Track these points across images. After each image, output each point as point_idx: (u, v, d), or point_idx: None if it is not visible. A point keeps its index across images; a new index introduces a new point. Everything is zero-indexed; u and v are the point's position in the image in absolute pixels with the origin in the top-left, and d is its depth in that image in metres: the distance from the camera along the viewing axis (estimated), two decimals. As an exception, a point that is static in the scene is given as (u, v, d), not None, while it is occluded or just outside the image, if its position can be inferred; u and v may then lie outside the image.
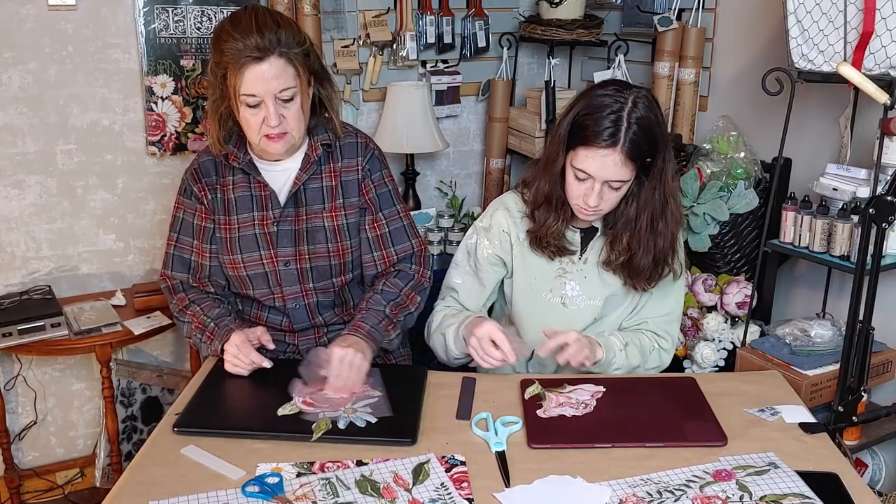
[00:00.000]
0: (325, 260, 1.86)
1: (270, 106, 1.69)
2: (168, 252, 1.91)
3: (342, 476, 1.37)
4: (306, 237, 1.84)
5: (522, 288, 1.87)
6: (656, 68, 2.76)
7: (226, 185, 1.86)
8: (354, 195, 1.87)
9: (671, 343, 1.90)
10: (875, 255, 1.55)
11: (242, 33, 1.65)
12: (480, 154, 3.42)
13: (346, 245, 1.87)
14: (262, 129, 1.72)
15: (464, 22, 3.18)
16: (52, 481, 2.89)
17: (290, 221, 1.84)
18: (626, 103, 1.64)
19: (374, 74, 3.06)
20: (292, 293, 1.88)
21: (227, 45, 1.67)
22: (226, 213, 1.86)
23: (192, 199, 1.88)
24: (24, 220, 2.69)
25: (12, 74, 2.57)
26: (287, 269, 1.85)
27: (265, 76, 1.66)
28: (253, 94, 1.68)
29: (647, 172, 1.71)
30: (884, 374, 2.20)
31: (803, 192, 2.25)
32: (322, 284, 1.88)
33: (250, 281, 1.87)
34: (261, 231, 1.84)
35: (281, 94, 1.69)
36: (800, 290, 2.56)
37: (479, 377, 1.73)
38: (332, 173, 1.86)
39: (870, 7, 1.91)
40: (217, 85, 1.73)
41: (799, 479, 1.35)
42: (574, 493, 1.33)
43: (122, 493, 1.33)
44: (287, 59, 1.68)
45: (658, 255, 1.77)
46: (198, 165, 1.89)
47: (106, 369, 2.50)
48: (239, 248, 1.85)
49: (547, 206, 1.78)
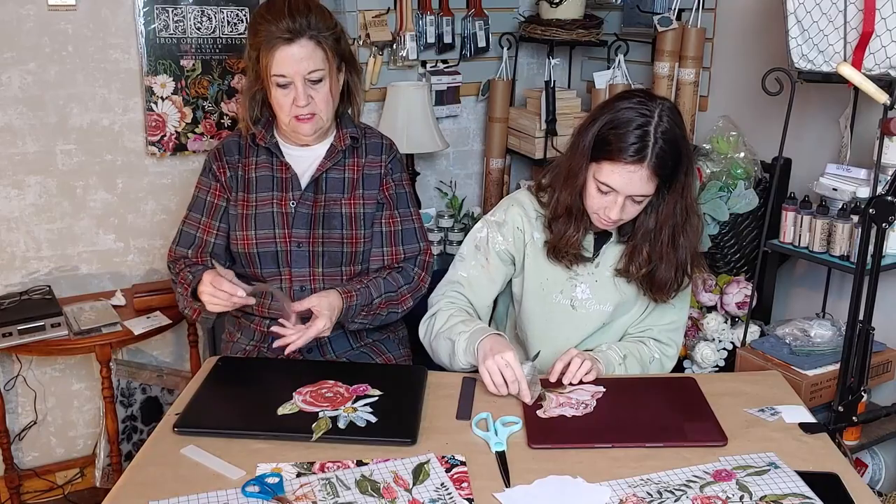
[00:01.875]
0: (338, 246, 1.89)
1: (300, 86, 1.77)
2: (179, 228, 1.97)
3: (342, 476, 1.37)
4: (322, 221, 1.88)
5: (533, 288, 1.85)
6: (656, 68, 2.76)
7: (248, 164, 1.92)
8: (375, 188, 1.93)
9: (676, 350, 1.89)
10: (875, 255, 1.55)
11: (275, 16, 1.75)
12: (480, 154, 3.42)
13: (360, 234, 1.90)
14: (292, 109, 1.80)
15: (464, 22, 3.18)
16: (52, 481, 2.89)
17: (308, 205, 1.89)
18: (653, 117, 1.62)
19: (374, 74, 3.06)
20: (300, 276, 1.90)
21: (260, 28, 1.77)
22: (245, 191, 1.90)
23: (210, 177, 1.94)
24: (24, 220, 2.69)
25: (12, 74, 2.57)
26: (299, 250, 1.88)
27: (295, 57, 1.75)
28: (283, 75, 1.77)
29: (670, 186, 1.69)
30: (884, 374, 2.20)
31: (803, 192, 2.25)
32: (330, 271, 1.91)
33: (259, 259, 1.89)
34: (278, 210, 1.88)
35: (310, 75, 1.78)
36: (800, 290, 2.56)
37: (479, 377, 1.73)
38: (354, 167, 1.93)
39: (870, 7, 1.91)
40: (252, 67, 1.83)
41: (799, 480, 1.35)
42: (574, 494, 1.33)
43: (122, 493, 1.33)
44: (317, 42, 1.77)
45: (679, 269, 1.76)
46: (222, 145, 1.96)
47: (106, 369, 2.50)
48: (254, 224, 1.88)
49: (567, 217, 1.76)
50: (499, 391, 1.61)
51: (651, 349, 1.85)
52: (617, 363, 1.78)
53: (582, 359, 1.68)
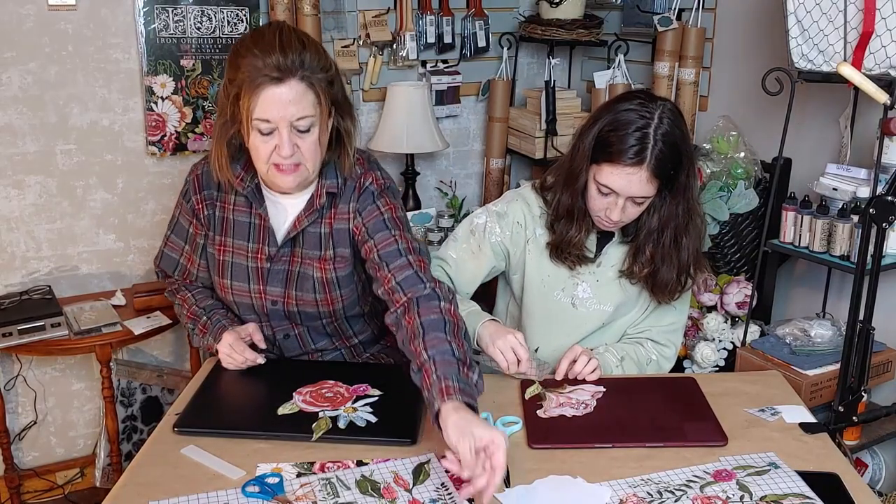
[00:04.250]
0: (313, 307, 1.76)
1: (284, 133, 1.54)
2: (161, 247, 1.88)
3: (342, 476, 1.37)
4: (297, 281, 1.74)
5: (534, 285, 1.85)
6: (656, 68, 2.76)
7: (226, 202, 1.75)
8: (346, 245, 1.73)
9: (674, 351, 1.89)
10: (875, 255, 1.55)
11: (263, 50, 1.51)
12: (480, 154, 3.42)
13: (335, 295, 1.75)
14: (272, 157, 1.57)
15: (464, 22, 3.18)
16: (52, 481, 2.89)
17: (284, 262, 1.73)
18: (653, 119, 1.61)
19: (374, 74, 3.06)
20: (281, 326, 1.81)
21: (244, 62, 1.52)
22: (222, 234, 1.76)
23: (189, 208, 1.79)
24: (24, 220, 2.69)
25: (12, 74, 2.57)
26: (275, 307, 1.77)
27: (282, 100, 1.51)
28: (267, 120, 1.53)
29: (671, 187, 1.69)
30: (884, 374, 2.21)
31: (803, 191, 2.25)
32: (311, 324, 1.81)
33: (238, 307, 1.80)
34: (253, 264, 1.74)
35: (298, 122, 1.54)
36: (800, 290, 2.56)
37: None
38: (331, 219, 1.73)
39: (870, 7, 1.91)
40: (229, 105, 1.58)
41: (799, 479, 1.35)
42: (574, 494, 1.33)
43: (122, 493, 1.33)
44: (308, 84, 1.53)
45: (682, 270, 1.76)
46: (201, 172, 1.77)
47: (106, 369, 2.50)
48: (230, 274, 1.76)
49: (568, 219, 1.76)
50: (509, 369, 1.66)
51: (648, 350, 1.85)
52: (615, 365, 1.78)
53: (588, 356, 1.69)
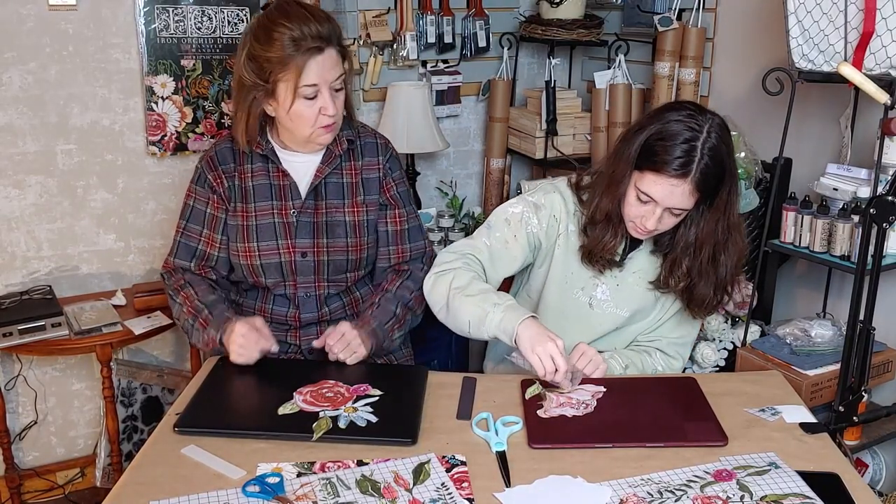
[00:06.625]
0: (343, 254, 1.87)
1: (327, 94, 1.71)
2: (175, 239, 1.90)
3: (343, 476, 1.37)
4: (326, 230, 1.86)
5: (557, 281, 1.83)
6: (656, 68, 2.76)
7: (244, 172, 1.86)
8: (375, 192, 1.90)
9: (681, 364, 1.89)
10: (876, 255, 1.55)
11: (298, 23, 1.67)
12: (481, 154, 3.42)
13: (364, 240, 1.89)
14: (318, 119, 1.74)
15: (464, 22, 3.18)
16: (53, 481, 2.89)
17: (309, 213, 1.85)
18: (701, 132, 1.60)
19: (374, 74, 3.06)
20: (305, 283, 1.89)
21: (278, 36, 1.67)
22: (243, 201, 1.86)
23: (206, 188, 1.87)
24: (24, 220, 2.69)
25: (12, 74, 2.57)
26: (304, 260, 1.86)
27: (325, 65, 1.70)
28: (314, 84, 1.70)
29: (711, 202, 1.68)
30: (884, 374, 2.20)
31: (804, 192, 2.25)
32: (336, 278, 1.90)
33: (263, 270, 1.86)
34: (279, 220, 1.84)
35: (335, 82, 1.73)
36: (800, 290, 2.56)
37: (479, 377, 1.73)
38: (352, 170, 1.89)
39: (870, 7, 1.91)
40: (254, 79, 1.72)
41: (799, 479, 1.35)
42: (574, 494, 1.33)
43: (123, 493, 1.33)
44: (339, 48, 1.73)
45: (719, 286, 1.76)
46: (214, 153, 1.88)
47: (106, 369, 2.50)
48: (256, 236, 1.84)
49: (605, 223, 1.74)
50: (546, 378, 1.60)
51: (655, 361, 1.85)
52: (619, 372, 1.78)
53: (592, 351, 1.69)
